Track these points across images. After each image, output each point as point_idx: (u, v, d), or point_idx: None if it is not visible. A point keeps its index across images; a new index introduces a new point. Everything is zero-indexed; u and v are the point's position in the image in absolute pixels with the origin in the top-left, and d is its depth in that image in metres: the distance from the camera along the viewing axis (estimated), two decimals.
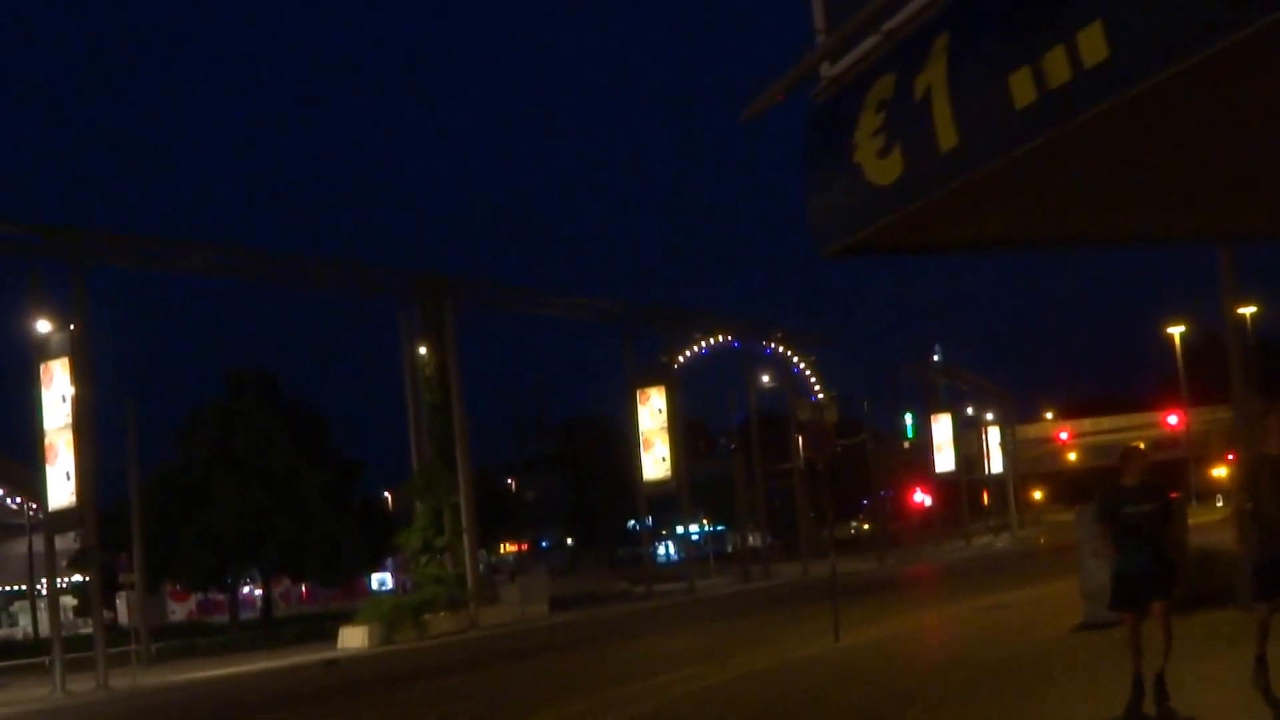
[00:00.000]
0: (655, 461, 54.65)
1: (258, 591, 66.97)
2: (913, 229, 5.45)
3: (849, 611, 23.40)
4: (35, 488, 61.46)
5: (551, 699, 18.95)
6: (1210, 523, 28.21)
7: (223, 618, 59.45)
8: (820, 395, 70.14)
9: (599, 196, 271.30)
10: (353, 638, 40.77)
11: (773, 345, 66.01)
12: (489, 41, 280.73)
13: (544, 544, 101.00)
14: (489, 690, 23.04)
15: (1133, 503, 10.76)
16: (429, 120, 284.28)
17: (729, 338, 64.72)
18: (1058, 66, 3.93)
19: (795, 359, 67.15)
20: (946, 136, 4.52)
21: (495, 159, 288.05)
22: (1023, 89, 4.09)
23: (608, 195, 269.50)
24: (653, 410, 55.17)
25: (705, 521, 75.09)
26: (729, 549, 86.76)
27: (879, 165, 4.92)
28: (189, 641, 45.07)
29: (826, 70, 5.43)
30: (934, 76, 4.58)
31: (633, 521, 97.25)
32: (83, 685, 31.00)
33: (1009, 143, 4.24)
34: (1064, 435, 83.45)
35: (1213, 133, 5.10)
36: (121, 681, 31.33)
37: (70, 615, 73.31)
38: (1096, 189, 5.62)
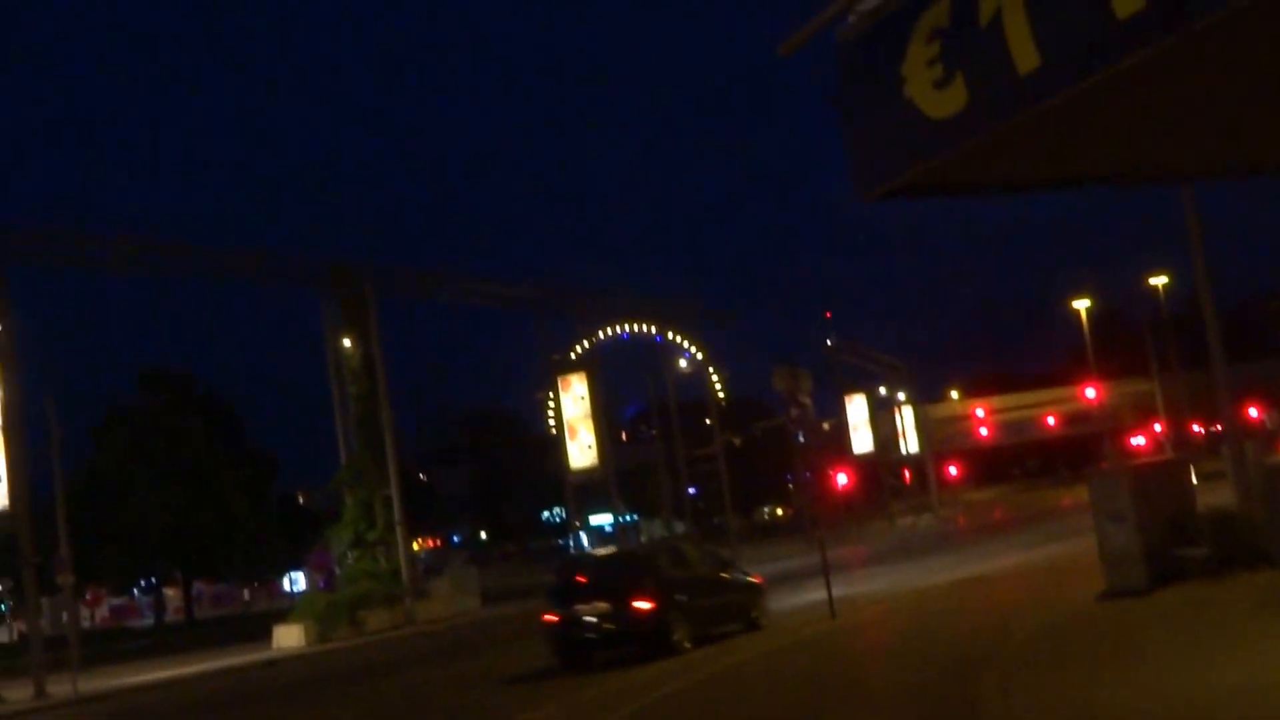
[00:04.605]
0: (581, 449, 54.14)
1: (168, 593, 65.53)
2: (972, 165, 5.23)
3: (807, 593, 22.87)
4: None
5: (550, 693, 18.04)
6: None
7: (138, 622, 58.03)
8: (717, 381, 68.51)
9: (506, 184, 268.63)
10: (288, 637, 39.93)
11: (666, 334, 64.28)
12: (399, 24, 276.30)
13: (455, 538, 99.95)
14: (477, 683, 21.69)
15: None
16: (338, 110, 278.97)
17: (622, 329, 62.98)
18: None
19: (688, 345, 65.37)
20: (1025, 59, 4.28)
21: (405, 148, 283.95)
22: None
23: (513, 182, 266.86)
24: (575, 397, 54.69)
25: (624, 512, 74.50)
26: (642, 539, 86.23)
27: (936, 97, 4.71)
28: (113, 646, 43.81)
29: (860, 6, 5.15)
30: None
31: (546, 513, 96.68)
32: (18, 693, 29.87)
33: (1109, 57, 3.99)
34: (980, 412, 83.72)
35: None
36: (60, 689, 30.02)
37: None
38: (1205, 107, 5.28)
